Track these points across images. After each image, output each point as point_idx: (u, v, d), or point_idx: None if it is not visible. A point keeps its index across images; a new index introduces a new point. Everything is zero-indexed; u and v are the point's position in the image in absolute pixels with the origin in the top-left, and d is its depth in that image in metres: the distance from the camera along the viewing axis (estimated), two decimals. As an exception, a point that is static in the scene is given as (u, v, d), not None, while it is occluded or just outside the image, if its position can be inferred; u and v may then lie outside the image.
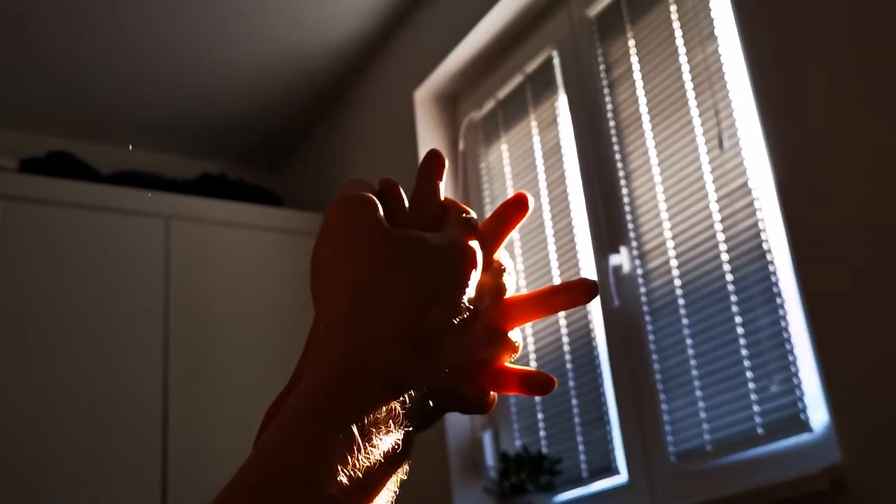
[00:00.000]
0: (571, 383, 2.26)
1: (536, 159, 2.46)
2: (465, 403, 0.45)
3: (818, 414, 1.66)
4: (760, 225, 1.80)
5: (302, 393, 0.39)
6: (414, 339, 0.40)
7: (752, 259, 1.82)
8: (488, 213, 0.51)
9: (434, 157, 0.48)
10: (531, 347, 2.40)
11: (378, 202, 0.44)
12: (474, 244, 0.44)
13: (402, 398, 0.39)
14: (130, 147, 2.89)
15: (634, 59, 2.17)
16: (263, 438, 0.38)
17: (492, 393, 0.46)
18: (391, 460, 0.39)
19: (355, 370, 0.39)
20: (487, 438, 2.46)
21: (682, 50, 2.04)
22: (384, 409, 0.38)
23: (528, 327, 2.38)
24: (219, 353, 2.85)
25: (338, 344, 0.40)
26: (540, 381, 0.47)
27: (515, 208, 0.49)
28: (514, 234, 2.45)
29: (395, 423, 0.39)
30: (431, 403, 0.42)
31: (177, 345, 2.78)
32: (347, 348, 0.39)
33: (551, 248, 2.37)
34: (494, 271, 0.47)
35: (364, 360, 0.39)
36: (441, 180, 0.48)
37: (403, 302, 0.40)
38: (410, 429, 0.40)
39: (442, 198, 0.48)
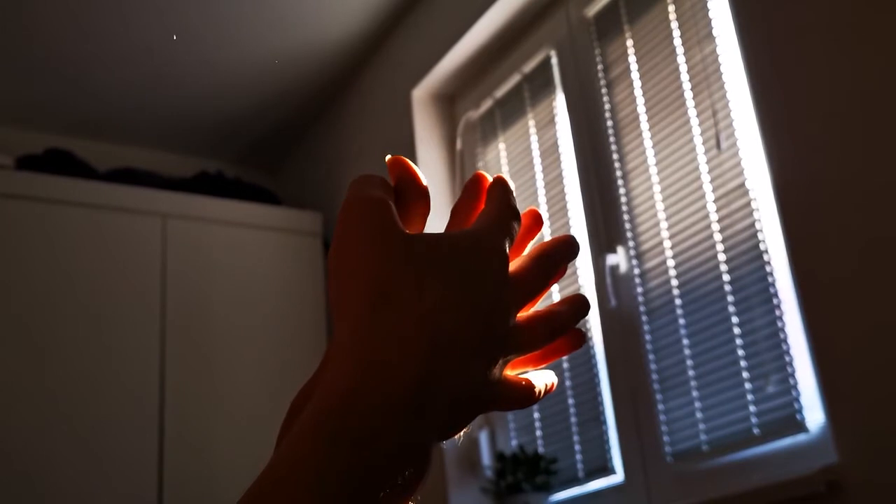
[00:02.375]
0: (568, 383, 2.26)
1: (534, 159, 2.46)
2: (503, 403, 0.42)
3: (814, 414, 1.66)
4: (757, 225, 1.80)
5: (313, 409, 0.36)
6: (434, 348, 0.37)
7: (749, 259, 1.82)
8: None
9: (473, 183, 0.46)
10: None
11: (391, 202, 0.41)
12: (507, 235, 0.41)
13: (422, 412, 0.36)
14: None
15: (632, 59, 2.17)
16: (272, 458, 0.35)
17: (535, 386, 0.43)
18: (407, 479, 0.36)
19: (369, 386, 0.36)
20: (484, 438, 2.46)
21: (679, 50, 2.04)
22: (401, 425, 0.35)
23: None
24: (216, 352, 2.85)
25: (350, 357, 0.37)
26: (575, 337, 0.44)
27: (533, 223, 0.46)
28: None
29: (413, 440, 0.36)
30: (460, 411, 0.39)
31: (174, 343, 2.78)
32: (359, 362, 0.36)
33: (548, 247, 2.36)
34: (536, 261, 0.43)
35: (377, 375, 0.36)
36: (479, 211, 0.45)
37: (421, 308, 0.37)
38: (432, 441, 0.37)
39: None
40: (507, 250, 0.41)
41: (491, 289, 0.39)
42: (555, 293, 2.32)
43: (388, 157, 0.45)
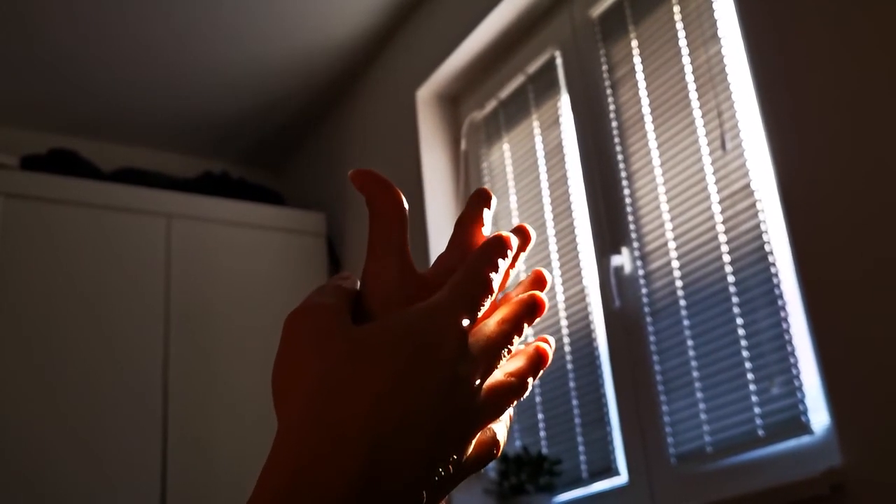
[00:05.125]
0: (572, 384, 2.26)
1: (538, 160, 2.46)
2: (474, 470, 0.41)
3: (819, 416, 1.66)
4: (762, 227, 1.80)
5: None
6: (375, 443, 0.36)
7: (754, 261, 1.81)
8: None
9: (478, 197, 0.45)
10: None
11: (340, 304, 0.41)
12: (468, 309, 0.39)
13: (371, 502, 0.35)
14: None
15: (637, 60, 2.17)
16: None
17: (498, 437, 0.42)
18: None
19: (300, 492, 0.35)
20: (487, 439, 2.45)
21: (685, 51, 2.04)
22: None
23: (529, 328, 2.37)
24: (219, 352, 2.85)
25: (281, 463, 0.36)
26: (539, 358, 0.44)
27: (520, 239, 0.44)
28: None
29: None
30: (426, 495, 0.38)
31: (177, 343, 2.78)
32: (289, 468, 0.35)
33: (553, 248, 2.37)
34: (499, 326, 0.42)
35: (308, 480, 0.35)
36: (481, 224, 0.44)
37: (359, 403, 0.36)
38: None
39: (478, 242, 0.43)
40: (467, 324, 0.39)
41: (447, 367, 0.38)
42: (557, 292, 2.32)
43: (351, 171, 0.43)
